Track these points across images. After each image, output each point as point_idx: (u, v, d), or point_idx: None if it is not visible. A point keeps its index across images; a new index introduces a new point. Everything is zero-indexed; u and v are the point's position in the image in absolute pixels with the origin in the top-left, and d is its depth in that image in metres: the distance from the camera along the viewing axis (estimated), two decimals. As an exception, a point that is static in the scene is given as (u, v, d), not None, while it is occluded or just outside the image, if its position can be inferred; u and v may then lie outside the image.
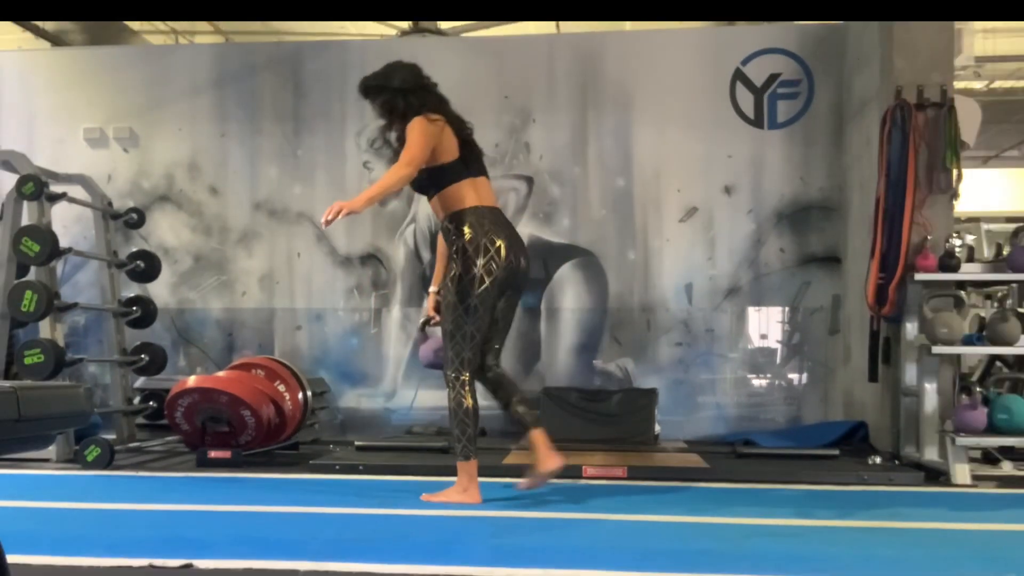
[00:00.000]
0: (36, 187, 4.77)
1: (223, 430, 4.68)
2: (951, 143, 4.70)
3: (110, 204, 5.46)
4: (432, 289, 3.92)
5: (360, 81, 3.85)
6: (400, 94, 3.70)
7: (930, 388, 4.51)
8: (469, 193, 3.64)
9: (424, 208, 6.03)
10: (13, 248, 4.67)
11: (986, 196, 10.59)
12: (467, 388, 3.59)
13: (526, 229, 6.03)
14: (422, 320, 3.98)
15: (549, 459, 3.62)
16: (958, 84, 7.90)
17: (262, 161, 6.27)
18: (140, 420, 5.39)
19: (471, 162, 3.72)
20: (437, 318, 3.83)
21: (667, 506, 3.57)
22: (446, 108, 3.76)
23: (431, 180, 3.65)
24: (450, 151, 3.65)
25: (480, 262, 3.55)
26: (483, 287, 3.55)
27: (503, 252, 3.59)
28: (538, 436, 3.65)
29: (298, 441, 5.21)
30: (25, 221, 4.83)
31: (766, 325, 5.99)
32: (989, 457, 4.71)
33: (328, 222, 3.33)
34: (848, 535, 3.09)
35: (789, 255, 5.93)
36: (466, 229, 3.59)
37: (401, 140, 3.66)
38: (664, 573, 2.50)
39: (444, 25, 8.60)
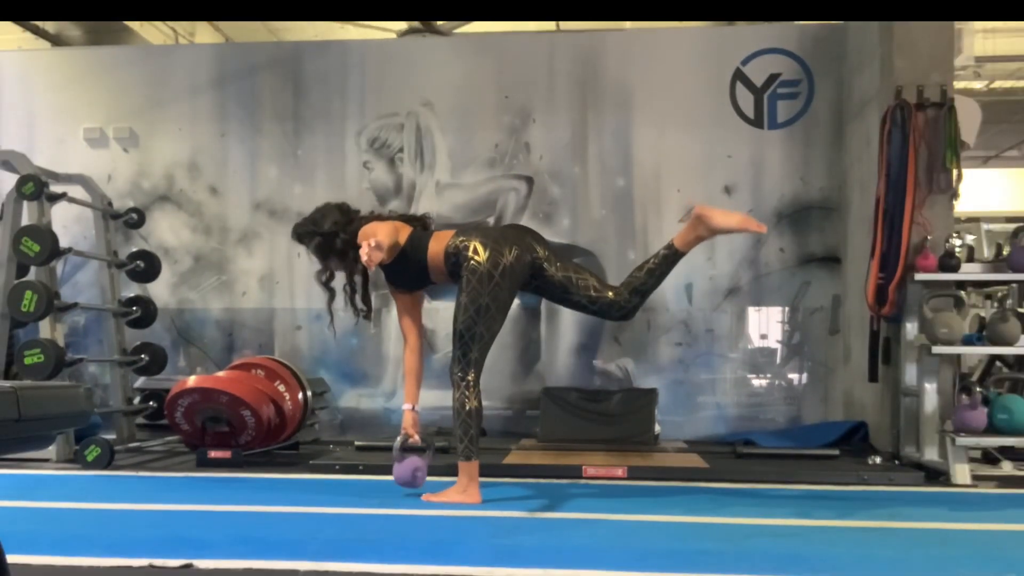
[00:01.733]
0: (36, 187, 4.77)
1: (223, 430, 4.68)
2: (951, 143, 4.70)
3: (110, 204, 5.46)
4: (406, 406, 3.84)
5: (292, 228, 3.96)
6: (333, 235, 3.80)
7: (930, 388, 4.51)
8: (444, 236, 3.76)
9: (424, 208, 6.04)
10: (13, 248, 4.67)
11: (986, 196, 10.60)
12: (472, 389, 3.59)
13: (526, 229, 6.03)
14: (399, 439, 3.79)
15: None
16: (958, 84, 7.91)
17: (262, 161, 6.27)
18: (140, 420, 5.39)
19: (427, 225, 3.92)
20: (415, 437, 3.79)
21: (667, 506, 3.57)
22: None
23: (414, 257, 3.73)
24: (405, 228, 3.79)
25: (487, 259, 3.58)
26: (493, 282, 3.57)
27: (506, 248, 3.63)
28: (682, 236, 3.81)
29: (298, 441, 5.21)
30: (25, 221, 4.83)
31: (766, 325, 5.99)
32: (989, 457, 4.71)
33: (372, 265, 3.39)
34: (848, 535, 3.09)
35: (789, 255, 5.93)
36: (466, 241, 3.65)
37: (356, 260, 3.70)
38: (664, 573, 2.50)
39: (444, 24, 8.60)
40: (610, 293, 3.75)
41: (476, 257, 3.60)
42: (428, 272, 3.77)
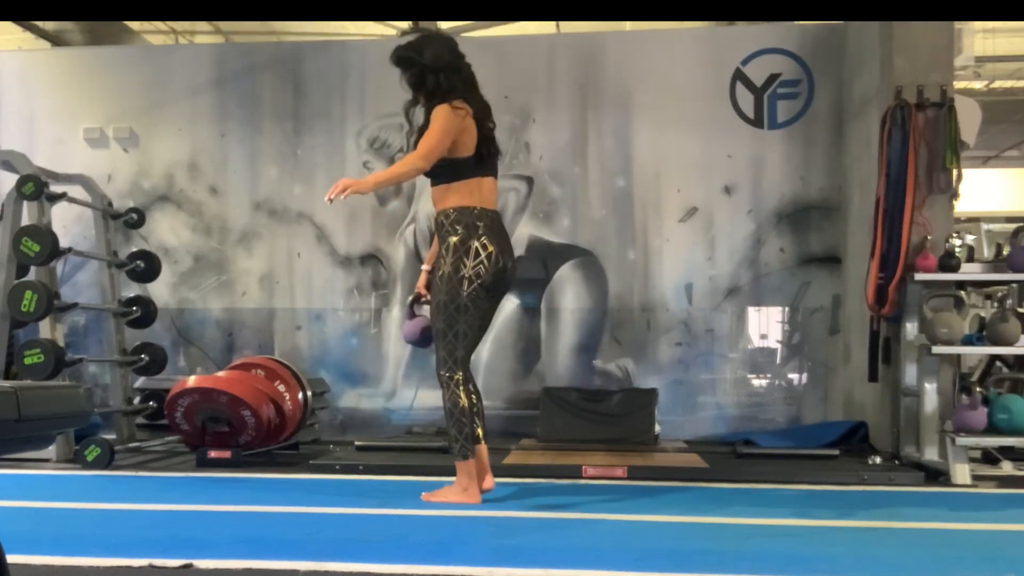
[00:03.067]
0: (36, 187, 4.77)
1: (223, 430, 4.68)
2: (951, 143, 4.70)
3: (110, 204, 5.46)
4: (425, 267, 3.87)
5: (393, 50, 3.72)
6: (431, 72, 3.62)
7: (930, 388, 4.51)
8: (473, 192, 3.60)
9: (424, 208, 6.04)
10: (13, 248, 4.67)
11: (986, 196, 10.59)
12: (461, 387, 3.56)
13: (526, 229, 6.04)
14: (411, 297, 3.91)
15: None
16: (958, 84, 7.91)
17: (262, 161, 6.27)
18: (140, 420, 5.39)
19: (485, 161, 3.65)
20: (426, 295, 3.79)
21: (667, 506, 3.57)
22: (475, 95, 3.68)
23: (441, 170, 3.59)
24: (467, 146, 3.59)
25: (470, 264, 3.52)
26: (472, 287, 3.53)
27: (493, 257, 3.56)
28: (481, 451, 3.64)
29: (298, 441, 5.21)
30: (25, 221, 4.83)
31: (766, 325, 5.99)
32: (989, 457, 4.71)
33: (331, 199, 3.34)
34: (848, 535, 3.09)
35: (789, 255, 5.93)
36: (460, 228, 3.56)
37: (424, 122, 3.61)
38: (664, 573, 2.50)
39: (444, 25, 8.59)
40: (443, 370, 3.59)
41: (462, 257, 3.52)
42: (434, 191, 3.66)
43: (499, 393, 5.94)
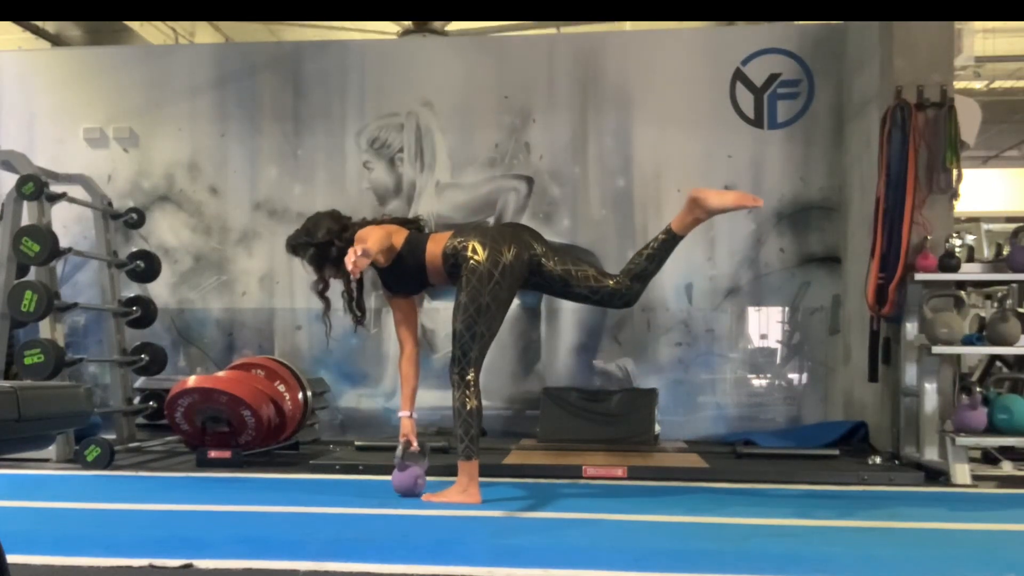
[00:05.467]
0: (36, 187, 4.77)
1: (223, 430, 4.68)
2: (951, 143, 4.70)
3: (110, 204, 5.46)
4: (403, 413, 3.82)
5: (286, 241, 3.95)
6: (328, 244, 3.79)
7: (930, 388, 4.51)
8: (441, 237, 3.76)
9: (425, 208, 6.05)
10: (13, 248, 4.67)
11: (986, 196, 10.59)
12: (472, 388, 3.59)
13: (526, 229, 6.03)
14: (399, 448, 3.75)
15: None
16: (958, 84, 7.91)
17: (262, 161, 6.27)
18: (140, 420, 5.39)
19: (421, 228, 3.93)
20: (415, 444, 3.77)
21: (667, 506, 3.57)
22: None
23: (411, 260, 3.73)
24: (400, 231, 3.78)
25: (487, 258, 3.58)
26: (493, 281, 3.57)
27: (505, 246, 3.63)
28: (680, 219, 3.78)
29: (298, 441, 5.22)
30: (25, 221, 4.83)
31: (766, 325, 5.99)
32: (989, 457, 4.71)
33: (355, 274, 3.44)
34: (848, 535, 3.09)
35: (789, 255, 5.93)
36: (463, 241, 3.66)
37: (345, 280, 3.85)
38: (664, 573, 2.50)
39: (444, 25, 8.60)
40: (610, 282, 3.75)
41: (475, 256, 3.60)
42: (427, 274, 3.78)
43: (499, 393, 5.94)
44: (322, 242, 3.79)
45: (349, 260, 3.28)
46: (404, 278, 3.81)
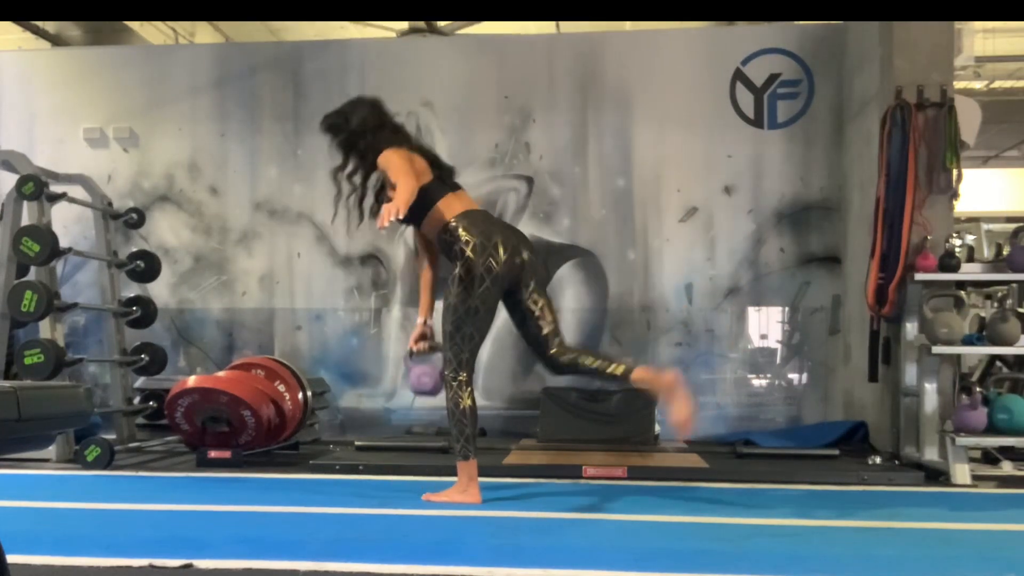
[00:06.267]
0: (36, 187, 4.77)
1: (223, 430, 4.68)
2: (951, 143, 4.70)
3: (110, 204, 5.46)
4: (420, 320, 3.90)
5: (322, 119, 3.90)
6: (359, 135, 3.76)
7: (930, 388, 4.51)
8: (455, 203, 3.70)
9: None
10: (13, 248, 4.67)
11: (986, 196, 10.59)
12: (464, 388, 3.59)
13: (526, 229, 5.98)
14: (408, 350, 3.93)
15: (681, 403, 3.63)
16: (958, 84, 7.91)
17: (262, 161, 6.27)
18: (140, 420, 5.39)
19: (446, 178, 3.80)
20: (419, 345, 3.85)
21: (667, 506, 3.57)
22: (406, 143, 3.81)
23: (417, 204, 3.62)
24: (425, 173, 3.70)
25: (480, 261, 3.56)
26: (483, 286, 3.56)
27: (500, 249, 3.60)
28: (641, 374, 3.67)
29: (298, 441, 5.21)
30: (25, 221, 4.83)
31: (766, 325, 5.99)
32: (989, 457, 4.71)
33: (384, 227, 3.35)
34: (848, 535, 3.09)
35: (789, 255, 5.93)
36: (462, 232, 3.61)
37: (365, 177, 3.79)
38: (664, 573, 2.50)
39: (444, 25, 8.60)
40: (552, 349, 3.75)
41: (471, 256, 3.57)
42: (422, 225, 3.75)
43: (499, 393, 5.94)
44: (355, 130, 3.77)
45: (382, 216, 3.28)
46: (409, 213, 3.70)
